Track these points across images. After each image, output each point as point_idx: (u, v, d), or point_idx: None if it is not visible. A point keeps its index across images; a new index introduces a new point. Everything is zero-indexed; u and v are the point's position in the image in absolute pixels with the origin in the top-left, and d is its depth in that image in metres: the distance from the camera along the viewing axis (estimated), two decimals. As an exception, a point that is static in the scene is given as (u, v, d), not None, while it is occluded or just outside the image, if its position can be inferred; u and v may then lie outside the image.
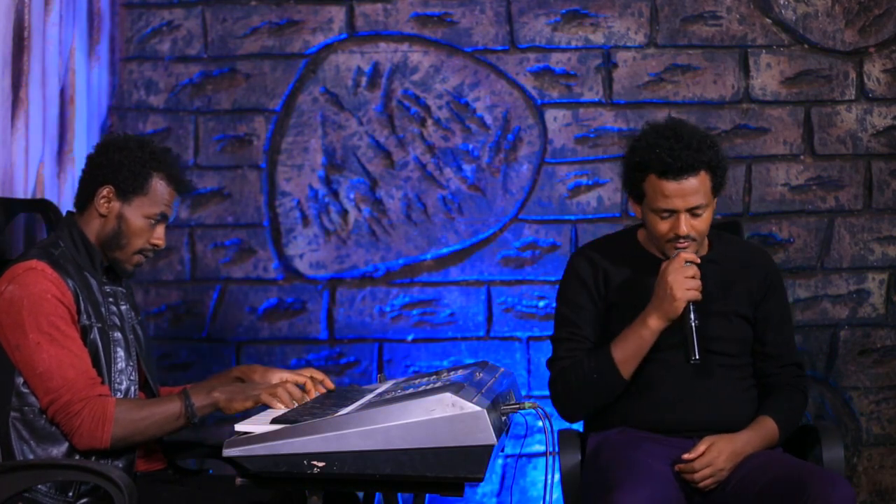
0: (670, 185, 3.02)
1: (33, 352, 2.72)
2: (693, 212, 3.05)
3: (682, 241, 3.05)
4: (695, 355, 2.99)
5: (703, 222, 3.07)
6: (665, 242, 3.08)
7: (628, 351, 3.08)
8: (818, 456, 3.11)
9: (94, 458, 2.79)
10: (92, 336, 2.83)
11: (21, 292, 2.75)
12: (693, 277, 3.01)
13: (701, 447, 3.01)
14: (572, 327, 3.19)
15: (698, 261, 3.05)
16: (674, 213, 3.04)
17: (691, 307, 3.00)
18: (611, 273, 3.19)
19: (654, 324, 3.04)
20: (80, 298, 2.82)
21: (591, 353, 3.14)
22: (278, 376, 2.94)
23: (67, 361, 2.73)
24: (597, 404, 3.17)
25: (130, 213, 2.91)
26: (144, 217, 2.92)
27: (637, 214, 3.16)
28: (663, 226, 3.07)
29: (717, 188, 3.10)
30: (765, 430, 3.10)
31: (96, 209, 2.92)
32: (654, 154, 3.04)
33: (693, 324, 3.00)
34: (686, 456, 3.01)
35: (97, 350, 2.84)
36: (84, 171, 2.97)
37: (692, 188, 3.02)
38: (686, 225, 3.04)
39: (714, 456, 3.00)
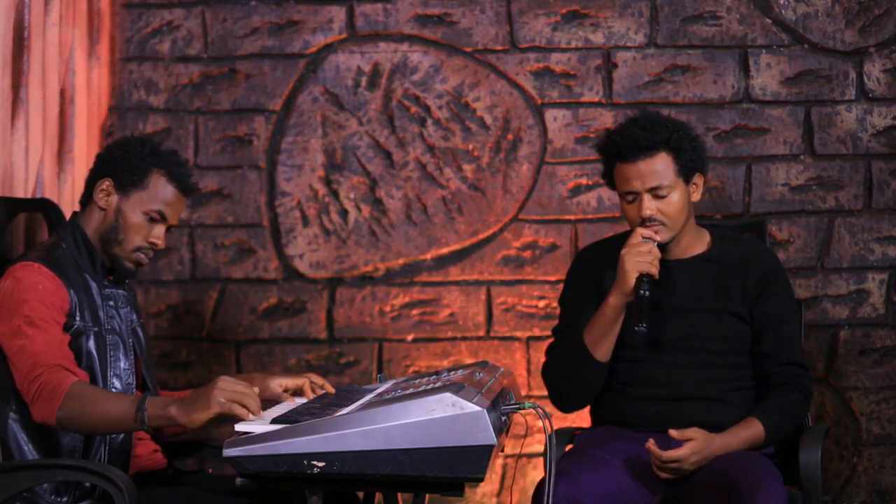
0: (628, 168, 3.12)
1: (14, 335, 2.70)
2: (655, 192, 3.11)
3: (649, 223, 3.09)
4: (640, 324, 3.03)
5: (669, 205, 3.12)
6: (637, 228, 3.13)
7: (595, 330, 3.15)
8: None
9: (95, 458, 2.80)
10: (88, 339, 2.83)
11: (13, 286, 2.75)
12: (649, 252, 3.07)
13: (680, 451, 2.99)
14: (567, 319, 3.28)
15: (657, 238, 3.11)
16: (637, 195, 3.12)
17: (644, 280, 3.05)
18: (606, 270, 3.23)
19: (612, 300, 3.12)
20: (77, 301, 2.82)
21: (569, 339, 3.21)
22: (277, 383, 2.91)
23: (41, 339, 2.69)
24: (579, 389, 3.21)
25: (128, 208, 2.91)
26: (142, 213, 2.91)
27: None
28: (631, 210, 3.16)
29: (685, 171, 3.16)
30: (747, 431, 3.09)
31: (96, 203, 2.92)
32: (610, 140, 3.17)
33: (643, 293, 3.04)
34: (674, 433, 3.01)
35: (92, 353, 2.83)
36: (90, 169, 2.98)
37: (650, 169, 3.11)
38: (649, 206, 3.11)
39: (685, 455, 2.99)
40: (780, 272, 3.28)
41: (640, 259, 3.06)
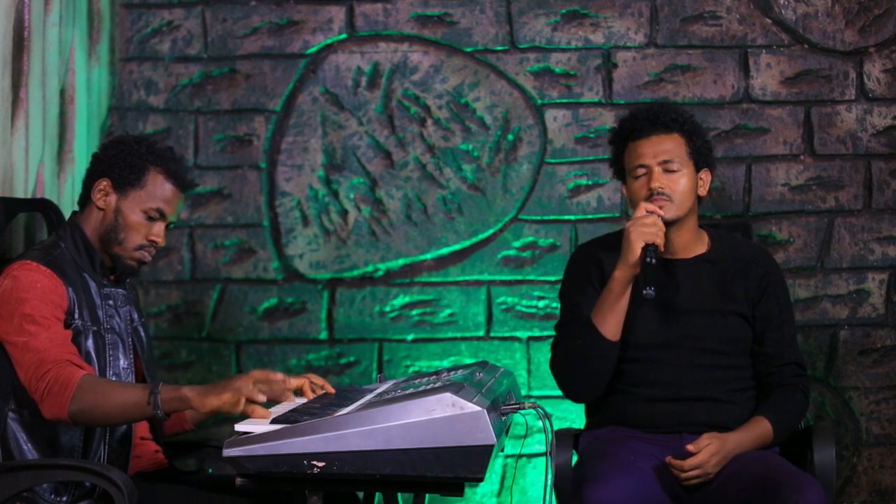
0: (642, 143, 3.17)
1: (16, 333, 2.70)
2: (666, 167, 3.15)
3: (656, 196, 3.11)
4: (648, 287, 3.02)
5: (677, 182, 3.15)
6: (641, 202, 3.14)
7: (603, 307, 3.14)
8: (812, 457, 3.12)
9: (94, 458, 2.80)
10: (87, 339, 2.82)
11: (11, 285, 2.74)
12: (653, 224, 3.08)
13: (700, 456, 3.01)
14: (571, 312, 3.26)
15: (662, 213, 3.11)
16: (647, 169, 3.15)
17: (650, 248, 3.06)
18: (607, 264, 3.24)
19: (618, 273, 3.11)
20: (76, 300, 2.81)
21: (576, 327, 3.21)
22: None
23: (44, 336, 2.69)
24: (591, 371, 3.18)
25: (127, 207, 2.90)
26: (141, 211, 2.90)
27: (627, 199, 3.24)
28: (639, 185, 3.17)
29: (696, 157, 3.20)
30: (757, 430, 3.12)
31: (94, 203, 2.91)
32: (627, 121, 3.23)
33: (650, 260, 3.05)
34: (690, 447, 3.03)
35: (91, 353, 2.82)
36: (87, 170, 2.97)
37: (663, 146, 3.16)
38: (658, 178, 3.13)
39: (705, 459, 3.01)
40: (780, 273, 3.30)
41: (644, 229, 3.07)
